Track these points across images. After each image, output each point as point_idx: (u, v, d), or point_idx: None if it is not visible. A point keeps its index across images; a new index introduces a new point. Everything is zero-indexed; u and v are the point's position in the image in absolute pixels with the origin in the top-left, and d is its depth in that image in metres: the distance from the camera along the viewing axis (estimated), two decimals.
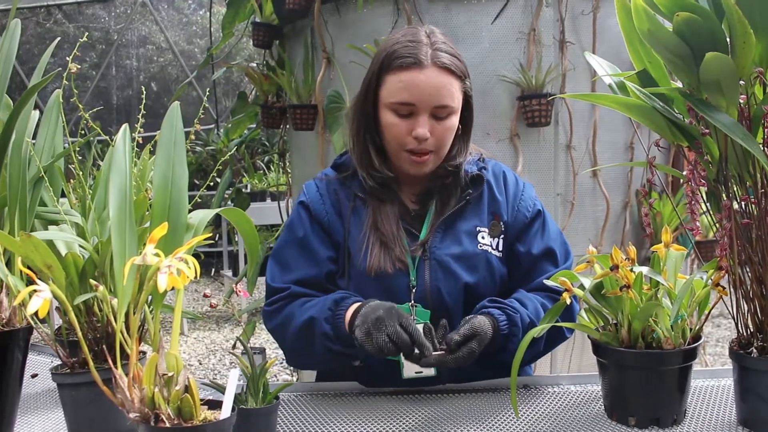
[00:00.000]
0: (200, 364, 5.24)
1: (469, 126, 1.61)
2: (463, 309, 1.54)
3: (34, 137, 1.40)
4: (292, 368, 4.37)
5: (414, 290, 1.53)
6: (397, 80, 1.48)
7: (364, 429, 1.30)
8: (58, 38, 1.71)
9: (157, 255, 0.89)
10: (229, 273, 7.30)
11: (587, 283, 1.26)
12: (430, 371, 1.49)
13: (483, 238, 1.57)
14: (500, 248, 1.58)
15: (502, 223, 1.59)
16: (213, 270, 8.21)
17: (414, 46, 1.49)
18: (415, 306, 1.51)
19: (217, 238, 7.69)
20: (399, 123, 1.50)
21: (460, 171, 1.58)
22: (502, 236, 1.59)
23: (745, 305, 1.20)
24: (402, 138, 1.51)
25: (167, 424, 0.91)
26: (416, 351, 1.33)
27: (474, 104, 1.62)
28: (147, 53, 12.04)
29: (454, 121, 1.53)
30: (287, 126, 3.51)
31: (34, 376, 1.61)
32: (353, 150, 1.61)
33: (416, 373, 1.48)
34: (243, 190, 4.61)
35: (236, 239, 6.82)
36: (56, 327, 1.38)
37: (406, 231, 1.57)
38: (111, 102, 11.62)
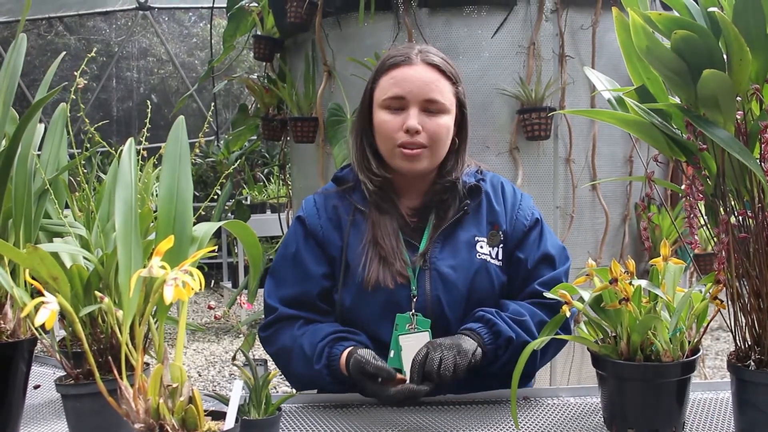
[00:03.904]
0: (200, 375, 5.23)
1: (465, 139, 1.64)
2: (462, 318, 1.56)
3: (39, 149, 1.41)
4: None
5: (415, 300, 1.54)
6: (388, 78, 1.57)
7: None
8: (63, 53, 1.72)
9: (162, 267, 0.90)
10: (229, 284, 7.29)
11: (586, 295, 1.27)
12: None
13: (482, 247, 1.59)
14: (500, 257, 1.61)
15: (501, 232, 1.61)
16: (213, 281, 8.21)
17: (405, 50, 1.59)
18: (416, 315, 1.53)
19: (217, 250, 7.69)
20: (390, 119, 1.55)
21: (457, 185, 1.60)
22: (501, 245, 1.61)
23: (743, 318, 1.21)
24: (394, 133, 1.55)
25: None
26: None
27: (474, 118, 1.65)
28: (147, 65, 12.08)
29: (447, 121, 1.57)
30: (288, 138, 3.53)
31: (36, 387, 1.62)
32: (354, 155, 1.65)
33: None
34: (243, 202, 4.61)
35: (236, 251, 6.82)
36: (59, 338, 1.39)
37: (406, 243, 1.59)
38: (111, 114, 11.65)
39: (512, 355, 1.47)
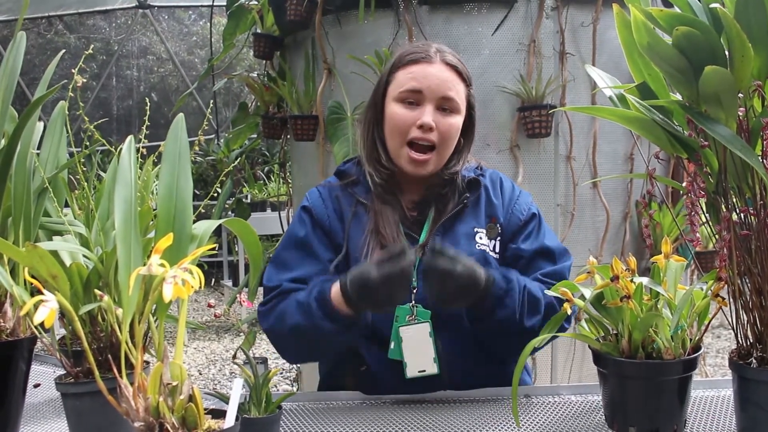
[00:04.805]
0: (200, 374, 5.24)
1: (469, 141, 1.65)
2: (462, 309, 1.56)
3: (38, 148, 1.41)
4: (292, 379, 4.37)
5: (415, 291, 1.55)
6: (407, 72, 1.57)
7: None
8: (63, 51, 1.72)
9: (162, 265, 0.90)
10: (229, 283, 7.29)
11: (588, 293, 1.27)
12: (434, 369, 1.50)
13: (481, 238, 1.60)
14: (497, 250, 1.62)
15: (498, 225, 1.62)
16: (213, 280, 8.21)
17: (424, 47, 1.60)
18: (416, 306, 1.54)
19: (217, 248, 7.69)
20: (405, 113, 1.56)
21: (456, 179, 1.61)
22: (498, 238, 1.62)
23: (745, 316, 1.20)
24: (406, 127, 1.55)
25: None
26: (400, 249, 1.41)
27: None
28: (147, 63, 12.06)
29: (458, 121, 1.59)
30: (288, 136, 3.52)
31: (36, 386, 1.62)
32: (363, 147, 1.66)
33: (419, 372, 1.49)
34: (243, 200, 4.61)
35: (236, 249, 6.82)
36: (59, 337, 1.39)
37: (407, 235, 1.59)
38: (111, 112, 11.64)
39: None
